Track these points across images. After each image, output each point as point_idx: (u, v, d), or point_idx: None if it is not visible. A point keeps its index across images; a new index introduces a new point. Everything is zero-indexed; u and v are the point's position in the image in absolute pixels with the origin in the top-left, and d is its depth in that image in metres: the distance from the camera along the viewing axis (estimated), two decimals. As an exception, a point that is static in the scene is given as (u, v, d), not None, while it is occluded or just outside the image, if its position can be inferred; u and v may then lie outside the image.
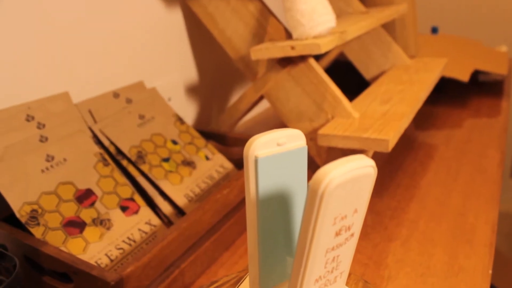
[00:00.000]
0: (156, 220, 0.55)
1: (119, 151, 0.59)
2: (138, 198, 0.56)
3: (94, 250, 0.49)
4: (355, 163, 0.22)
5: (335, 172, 0.21)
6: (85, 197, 0.53)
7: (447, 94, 1.14)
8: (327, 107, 0.65)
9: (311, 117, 0.66)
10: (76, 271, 0.43)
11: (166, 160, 0.61)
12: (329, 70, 0.89)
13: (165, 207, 0.58)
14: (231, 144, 0.71)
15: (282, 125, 0.64)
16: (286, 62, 0.66)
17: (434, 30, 1.37)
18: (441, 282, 0.50)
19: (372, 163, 0.23)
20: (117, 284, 0.41)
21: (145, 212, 0.55)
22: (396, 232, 0.59)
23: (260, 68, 0.70)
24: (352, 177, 0.22)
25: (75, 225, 0.50)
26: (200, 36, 0.89)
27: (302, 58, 0.64)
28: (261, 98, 0.73)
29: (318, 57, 1.12)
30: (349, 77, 0.95)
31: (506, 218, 1.53)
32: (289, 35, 0.66)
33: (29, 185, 0.50)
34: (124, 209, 0.54)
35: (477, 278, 0.50)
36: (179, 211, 0.58)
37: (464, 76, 0.99)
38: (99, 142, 0.59)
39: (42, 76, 0.60)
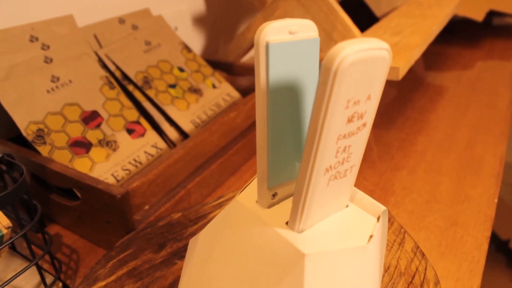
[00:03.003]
0: (162, 144, 0.55)
1: (125, 76, 0.58)
2: (144, 122, 0.55)
3: (101, 170, 0.49)
4: (371, 43, 0.21)
5: (350, 48, 0.20)
6: (91, 118, 0.52)
7: (459, 35, 1.12)
8: (337, 36, 0.63)
9: (320, 46, 0.65)
10: (82, 186, 0.43)
11: (173, 86, 0.60)
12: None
13: (171, 133, 0.57)
14: (238, 74, 0.69)
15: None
16: (296, -12, 0.64)
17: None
18: (447, 208, 0.50)
19: (387, 46, 0.22)
20: (123, 198, 0.41)
21: (151, 135, 0.55)
22: (403, 162, 0.59)
23: (269, -4, 0.68)
24: (367, 57, 0.21)
25: (81, 145, 0.50)
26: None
27: (313, -16, 0.62)
28: (269, 28, 0.71)
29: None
30: (359, 15, 0.92)
31: (511, 168, 1.53)
32: (299, -39, 0.64)
33: (35, 104, 0.50)
34: (130, 131, 0.53)
35: (483, 206, 0.50)
36: (185, 137, 0.58)
37: (478, 15, 0.96)
38: (104, 67, 0.58)
39: (45, -2, 0.58)
